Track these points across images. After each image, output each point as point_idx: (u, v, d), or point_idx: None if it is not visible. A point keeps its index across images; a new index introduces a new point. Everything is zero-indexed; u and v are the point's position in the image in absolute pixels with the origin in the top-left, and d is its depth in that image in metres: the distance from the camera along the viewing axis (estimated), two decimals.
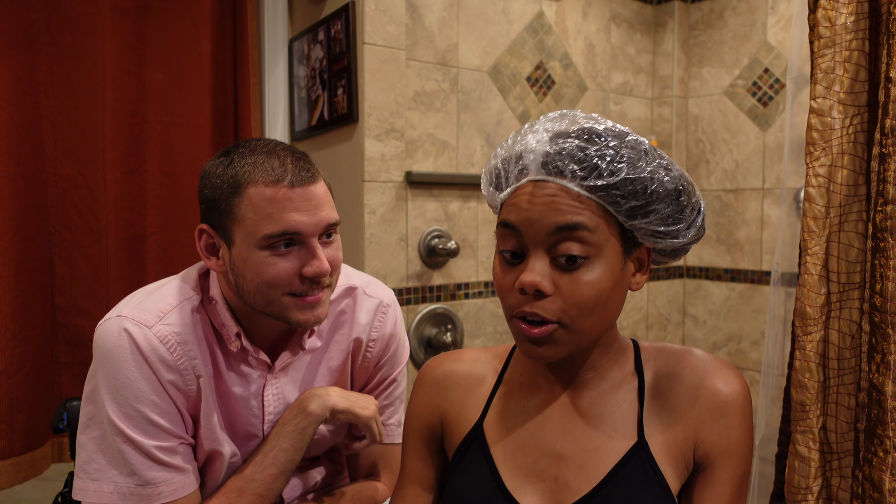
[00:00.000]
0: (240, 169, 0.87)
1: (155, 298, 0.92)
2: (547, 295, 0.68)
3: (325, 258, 0.88)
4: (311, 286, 0.89)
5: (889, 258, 0.94)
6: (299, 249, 0.88)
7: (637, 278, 0.75)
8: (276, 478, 0.95)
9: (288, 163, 0.87)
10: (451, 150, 2.07)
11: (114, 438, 0.86)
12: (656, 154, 0.72)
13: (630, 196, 0.68)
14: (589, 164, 0.68)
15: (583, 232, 0.67)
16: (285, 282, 0.88)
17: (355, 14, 1.81)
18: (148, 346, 0.87)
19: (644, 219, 0.70)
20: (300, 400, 0.98)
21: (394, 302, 1.09)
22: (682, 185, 0.72)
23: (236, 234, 0.87)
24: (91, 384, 0.90)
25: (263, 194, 0.85)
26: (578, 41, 2.40)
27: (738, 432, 0.76)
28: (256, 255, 0.87)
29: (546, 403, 0.80)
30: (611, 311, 0.73)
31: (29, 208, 1.74)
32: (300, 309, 0.90)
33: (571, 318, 0.69)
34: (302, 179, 0.87)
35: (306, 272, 0.87)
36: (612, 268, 0.70)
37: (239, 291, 0.90)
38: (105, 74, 1.80)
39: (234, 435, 0.97)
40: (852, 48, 1.03)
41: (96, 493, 0.87)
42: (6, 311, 1.68)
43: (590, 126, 0.72)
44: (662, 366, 0.80)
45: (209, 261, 0.92)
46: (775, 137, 2.42)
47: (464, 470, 0.80)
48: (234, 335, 0.93)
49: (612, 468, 0.74)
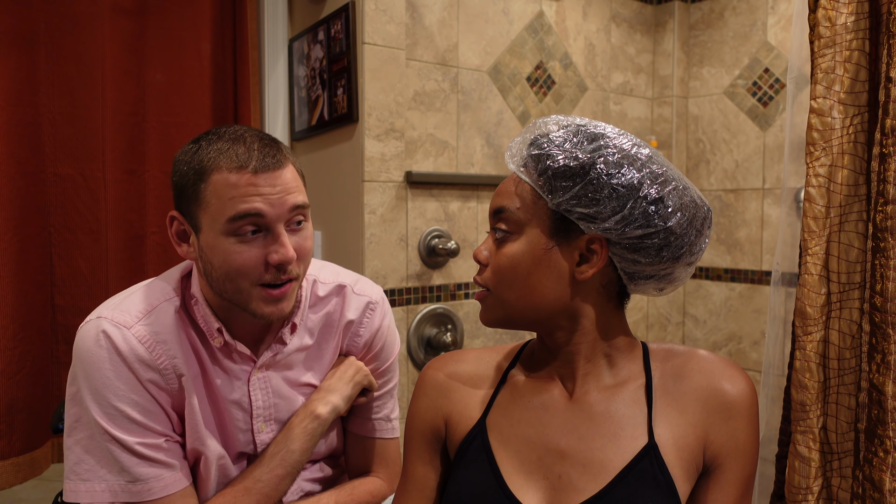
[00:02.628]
0: (205, 155, 0.87)
1: (134, 300, 0.92)
2: (485, 265, 0.79)
3: (290, 245, 0.88)
4: (278, 274, 0.88)
5: (889, 258, 0.94)
6: (265, 236, 0.88)
7: (582, 268, 0.76)
8: (282, 479, 0.96)
9: (255, 149, 0.87)
10: (451, 150, 2.07)
11: (100, 437, 0.87)
12: (613, 142, 0.75)
13: (541, 173, 0.75)
14: (532, 153, 0.77)
15: (507, 213, 0.77)
16: (252, 270, 0.87)
17: (355, 14, 1.81)
18: (126, 346, 0.87)
19: (560, 195, 0.74)
20: (307, 404, 1.00)
21: (382, 299, 1.10)
22: (601, 163, 0.73)
23: (203, 221, 0.88)
24: (74, 387, 0.90)
25: (228, 180, 0.85)
26: (578, 41, 2.40)
27: (745, 433, 0.76)
28: (222, 241, 0.87)
29: (551, 400, 0.80)
30: (536, 289, 0.76)
31: (29, 208, 1.73)
32: (265, 301, 0.89)
33: (493, 284, 0.78)
34: (266, 165, 0.86)
35: (271, 259, 0.87)
36: (531, 244, 0.76)
37: (209, 279, 0.90)
38: (105, 74, 1.80)
39: (224, 431, 0.97)
40: (852, 48, 1.03)
41: (88, 492, 0.88)
42: (6, 311, 1.68)
43: (566, 123, 0.78)
44: (670, 366, 0.80)
45: (180, 248, 0.93)
46: (775, 137, 2.42)
47: (465, 466, 0.80)
48: (215, 331, 0.93)
49: (622, 470, 0.74)
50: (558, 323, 0.79)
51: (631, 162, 0.74)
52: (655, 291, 0.81)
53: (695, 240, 0.77)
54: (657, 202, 0.73)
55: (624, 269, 0.77)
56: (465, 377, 0.86)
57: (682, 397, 0.77)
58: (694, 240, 0.77)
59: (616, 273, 0.78)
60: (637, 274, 0.78)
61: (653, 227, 0.73)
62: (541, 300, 0.76)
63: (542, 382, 0.82)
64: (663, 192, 0.74)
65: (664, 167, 0.76)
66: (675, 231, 0.74)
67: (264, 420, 0.99)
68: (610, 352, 0.80)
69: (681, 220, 0.75)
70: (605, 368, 0.80)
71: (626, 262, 0.76)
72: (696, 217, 0.77)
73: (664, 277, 0.79)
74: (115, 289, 1.83)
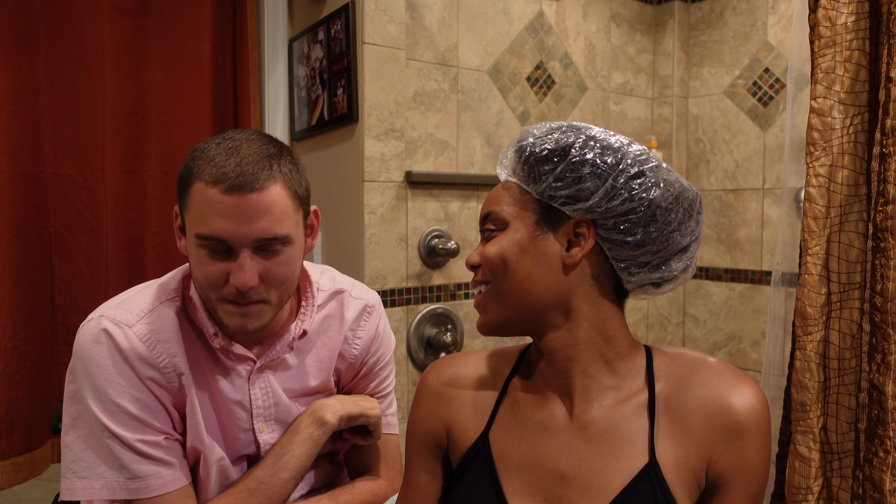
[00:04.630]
0: (197, 160, 0.86)
1: (136, 299, 0.93)
2: (477, 265, 0.79)
3: (251, 271, 0.85)
4: (240, 296, 0.87)
5: (889, 258, 0.94)
6: (229, 255, 0.86)
7: (571, 252, 0.75)
8: (286, 482, 0.97)
9: (242, 165, 0.84)
10: (451, 150, 2.07)
11: (101, 434, 0.87)
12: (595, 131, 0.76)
13: (524, 162, 0.76)
14: (516, 150, 0.78)
15: (493, 214, 0.78)
16: (214, 284, 0.87)
17: (355, 14, 1.81)
18: (127, 344, 0.88)
19: (543, 181, 0.75)
20: (312, 410, 1.01)
21: (378, 303, 1.12)
22: (580, 143, 0.74)
23: (186, 223, 0.89)
24: (73, 385, 0.90)
25: (203, 193, 0.84)
26: (578, 41, 2.40)
27: (753, 452, 0.72)
28: (195, 250, 0.87)
29: (550, 418, 0.77)
30: (527, 278, 0.75)
31: (28, 208, 1.73)
32: (229, 314, 0.89)
33: (489, 277, 0.77)
34: (241, 185, 0.82)
35: (231, 281, 0.85)
36: (518, 234, 0.76)
37: (193, 279, 0.91)
38: (105, 74, 1.80)
39: (224, 431, 0.98)
40: (853, 48, 1.03)
41: (85, 490, 0.88)
42: (6, 311, 1.68)
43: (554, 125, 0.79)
44: (675, 378, 0.76)
45: (179, 242, 0.93)
46: (775, 137, 2.42)
47: (468, 482, 0.79)
48: (212, 333, 0.94)
49: (621, 491, 0.71)
50: (553, 320, 0.76)
51: (612, 144, 0.75)
52: (653, 288, 0.79)
53: (684, 219, 0.75)
54: (639, 175, 0.73)
55: (615, 257, 0.75)
56: (466, 384, 0.85)
57: (686, 413, 0.73)
58: (683, 219, 0.75)
59: (608, 263, 0.76)
60: (630, 262, 0.75)
61: (636, 200, 0.72)
62: (532, 289, 0.75)
63: (541, 398, 0.79)
64: (645, 168, 0.73)
65: (648, 153, 0.76)
66: (659, 204, 0.73)
67: (265, 420, 0.99)
68: (609, 356, 0.77)
69: (665, 194, 0.73)
70: (606, 377, 0.77)
71: (616, 246, 0.74)
72: (684, 196, 0.75)
73: (659, 268, 0.76)
74: (115, 289, 1.83)
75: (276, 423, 1.00)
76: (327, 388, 1.07)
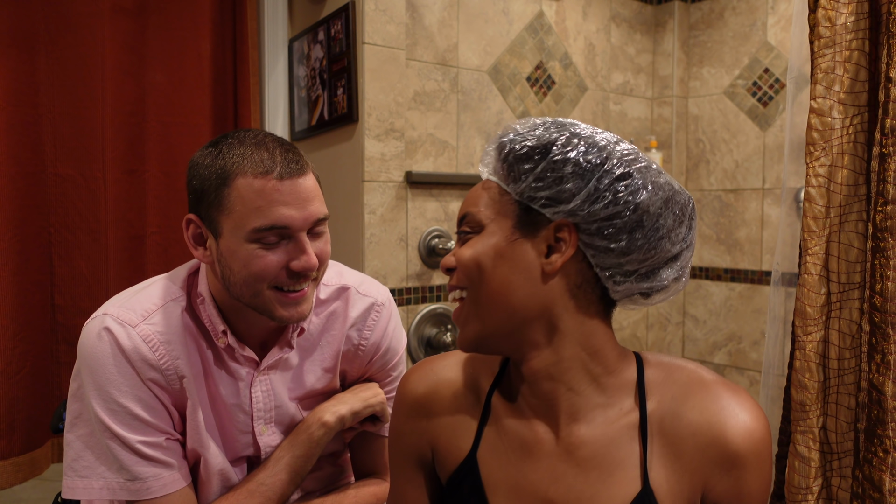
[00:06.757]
0: (228, 160, 0.86)
1: (141, 298, 0.92)
2: (452, 268, 0.74)
3: (313, 253, 0.88)
4: (297, 280, 0.89)
5: (889, 258, 0.94)
6: (287, 243, 0.88)
7: (550, 259, 0.69)
8: (286, 484, 0.96)
9: (277, 154, 0.87)
10: (451, 150, 2.07)
11: (101, 434, 0.87)
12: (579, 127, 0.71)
13: (504, 160, 0.71)
14: (496, 147, 0.73)
15: (469, 216, 0.73)
16: (272, 275, 0.87)
17: (355, 14, 1.81)
18: (130, 344, 0.87)
19: (522, 181, 0.69)
20: (315, 412, 1.01)
21: (389, 300, 1.09)
22: (562, 140, 0.68)
23: (224, 226, 0.87)
24: (76, 382, 0.90)
25: (252, 186, 0.85)
26: (578, 41, 2.40)
27: (751, 481, 0.68)
28: (244, 247, 0.86)
29: (535, 443, 0.73)
30: (504, 286, 0.69)
31: (29, 208, 1.73)
32: (283, 305, 0.89)
33: (465, 283, 0.72)
34: (291, 172, 0.86)
35: (294, 266, 0.87)
36: (494, 237, 0.71)
37: (226, 283, 0.90)
38: (105, 74, 1.80)
39: (224, 433, 0.97)
40: (852, 48, 1.03)
41: (86, 489, 0.88)
42: (6, 311, 1.68)
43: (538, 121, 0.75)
44: (669, 399, 0.71)
45: (196, 251, 0.92)
46: (775, 137, 2.42)
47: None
48: (220, 332, 0.93)
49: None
50: (533, 338, 0.71)
51: (597, 142, 0.69)
52: (643, 298, 0.73)
53: (674, 226, 0.69)
54: (625, 176, 0.67)
55: (599, 265, 0.69)
56: (447, 395, 0.80)
57: (680, 440, 0.69)
58: (673, 225, 0.69)
59: (592, 272, 0.70)
60: (615, 270, 0.69)
61: (621, 203, 0.66)
62: (510, 298, 0.69)
63: (525, 418, 0.74)
64: (632, 168, 0.67)
65: (637, 153, 0.70)
66: (647, 208, 0.67)
67: (265, 422, 0.99)
68: (596, 371, 0.72)
69: (653, 198, 0.67)
70: (593, 395, 0.72)
71: (599, 253, 0.68)
72: (674, 200, 0.69)
73: (647, 277, 0.70)
74: (115, 289, 1.83)
75: (276, 425, 1.00)
76: (333, 389, 1.06)
